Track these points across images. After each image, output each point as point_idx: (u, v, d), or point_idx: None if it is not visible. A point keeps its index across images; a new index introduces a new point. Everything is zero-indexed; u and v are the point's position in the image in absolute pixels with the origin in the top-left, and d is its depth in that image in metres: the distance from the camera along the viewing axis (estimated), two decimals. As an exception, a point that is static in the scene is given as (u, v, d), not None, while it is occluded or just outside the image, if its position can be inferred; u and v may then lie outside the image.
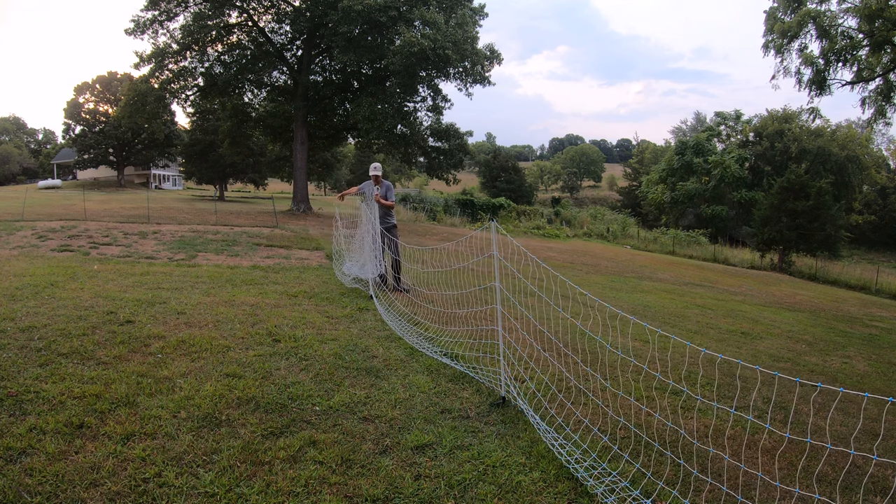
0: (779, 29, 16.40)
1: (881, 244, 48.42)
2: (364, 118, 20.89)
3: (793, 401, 4.47)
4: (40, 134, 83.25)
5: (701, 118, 72.30)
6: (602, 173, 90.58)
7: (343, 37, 19.77)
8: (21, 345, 4.00)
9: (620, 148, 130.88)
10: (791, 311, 11.00)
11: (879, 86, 16.02)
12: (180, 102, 23.70)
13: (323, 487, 2.46)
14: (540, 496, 2.54)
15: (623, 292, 10.69)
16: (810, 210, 24.32)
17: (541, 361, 4.31)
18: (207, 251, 10.45)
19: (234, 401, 3.26)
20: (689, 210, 45.85)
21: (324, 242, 12.85)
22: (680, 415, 3.73)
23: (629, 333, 5.89)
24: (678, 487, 2.65)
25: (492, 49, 22.58)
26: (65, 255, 9.21)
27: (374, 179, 7.25)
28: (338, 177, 67.37)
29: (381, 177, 7.28)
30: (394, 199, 7.37)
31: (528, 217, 36.73)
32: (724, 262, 26.64)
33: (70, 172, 54.34)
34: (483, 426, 3.21)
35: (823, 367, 6.11)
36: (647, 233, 36.56)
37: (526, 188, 58.09)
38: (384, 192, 7.26)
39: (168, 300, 5.72)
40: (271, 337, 4.58)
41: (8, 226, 12.75)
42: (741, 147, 48.12)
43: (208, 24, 20.87)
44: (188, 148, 39.74)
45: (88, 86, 46.17)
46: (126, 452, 2.62)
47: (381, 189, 7.25)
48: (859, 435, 3.84)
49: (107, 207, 20.84)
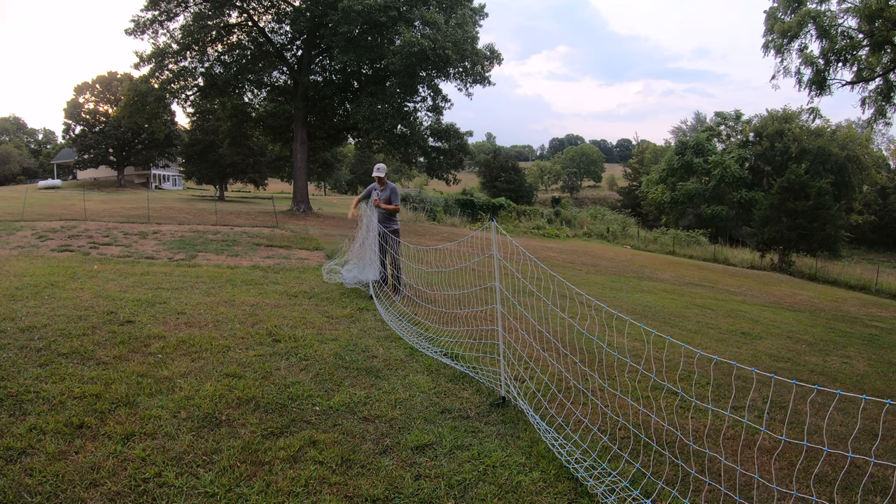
0: (779, 29, 16.40)
1: (881, 244, 48.41)
2: (364, 118, 20.90)
3: (791, 401, 4.47)
4: (40, 134, 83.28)
5: (701, 118, 72.25)
6: (602, 173, 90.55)
7: (343, 37, 19.78)
8: (21, 345, 4.00)
9: (620, 148, 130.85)
10: (791, 311, 11.00)
11: (879, 86, 16.01)
12: (180, 102, 23.71)
13: (323, 487, 2.46)
14: (540, 496, 2.54)
15: (623, 292, 10.69)
16: (810, 210, 24.32)
17: (541, 361, 4.32)
18: (207, 251, 10.45)
19: (234, 401, 3.26)
20: (689, 210, 45.84)
21: (324, 242, 12.85)
22: (677, 414, 3.73)
23: (625, 332, 5.89)
24: (677, 487, 2.65)
25: (492, 49, 22.59)
26: (65, 255, 9.21)
27: (377, 181, 6.82)
28: (338, 177, 67.39)
29: (385, 178, 6.83)
30: (398, 202, 6.89)
31: (528, 217, 36.72)
32: (724, 262, 26.63)
33: (70, 172, 54.35)
34: (483, 426, 3.21)
35: (823, 367, 6.11)
36: (647, 233, 36.54)
37: (526, 188, 58.07)
38: (388, 194, 6.78)
39: (168, 300, 5.72)
40: (271, 337, 4.58)
41: (8, 226, 12.76)
42: (741, 147, 48.09)
43: (208, 24, 20.88)
44: (188, 148, 39.75)
45: (88, 86, 46.16)
46: (126, 452, 2.62)
47: (385, 191, 6.79)
48: (858, 435, 3.84)
49: (107, 207, 20.84)
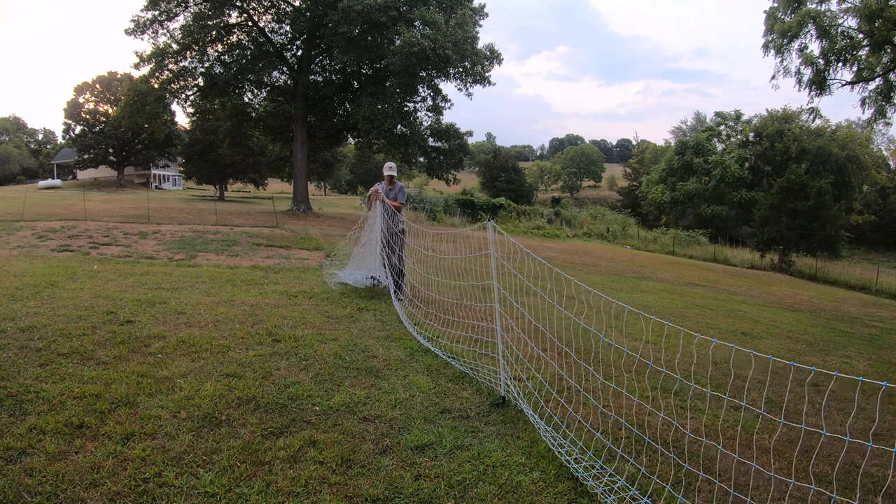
0: (779, 29, 16.40)
1: (881, 244, 48.41)
2: (364, 118, 20.89)
3: (792, 401, 4.47)
4: (40, 134, 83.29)
5: (701, 118, 72.27)
6: (602, 173, 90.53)
7: (343, 37, 19.78)
8: (21, 345, 4.00)
9: (620, 148, 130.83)
10: (791, 311, 11.00)
11: (879, 86, 16.01)
12: (180, 102, 23.73)
13: (323, 487, 2.46)
14: (540, 496, 2.54)
15: (623, 292, 10.69)
16: (810, 210, 24.31)
17: (540, 361, 4.31)
18: (207, 251, 10.45)
19: (234, 401, 3.26)
20: (689, 210, 45.85)
21: (324, 242, 12.85)
22: (677, 413, 3.73)
23: (623, 329, 5.89)
24: (670, 483, 2.65)
25: (492, 49, 22.59)
26: (65, 255, 9.21)
27: (387, 180, 6.78)
28: (338, 177, 67.36)
29: (395, 178, 6.83)
30: (404, 201, 6.87)
31: (528, 217, 36.73)
32: (724, 262, 26.63)
33: (70, 172, 54.34)
34: (483, 426, 3.21)
35: (823, 366, 6.11)
36: (647, 233, 36.55)
37: (526, 188, 58.09)
38: (395, 193, 6.77)
39: (168, 300, 5.72)
40: (271, 337, 4.58)
41: (8, 226, 12.75)
42: (741, 147, 48.09)
43: (208, 24, 20.88)
44: (188, 148, 39.73)
45: (88, 86, 46.16)
46: (126, 452, 2.62)
47: (394, 190, 6.78)
48: (854, 422, 3.84)
49: (107, 207, 20.84)
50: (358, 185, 62.32)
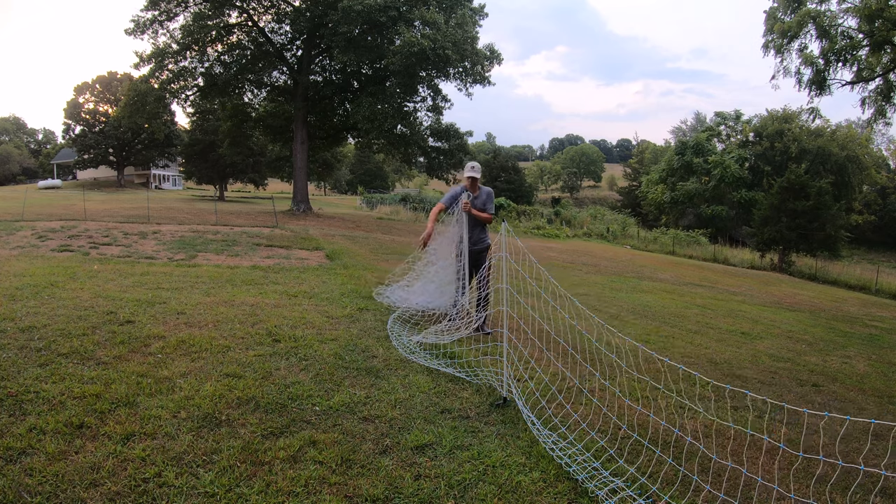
0: (779, 29, 16.40)
1: (881, 244, 48.41)
2: (364, 118, 20.90)
3: (792, 401, 4.47)
4: (40, 134, 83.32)
5: (701, 118, 72.33)
6: (602, 173, 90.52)
7: (343, 37, 19.77)
8: (21, 345, 3.99)
9: (620, 148, 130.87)
10: (791, 311, 11.00)
11: (879, 86, 16.01)
12: (180, 102, 23.72)
13: (323, 487, 2.46)
14: (540, 496, 2.54)
15: (623, 292, 10.69)
16: (810, 210, 24.32)
17: (540, 361, 4.31)
18: (207, 251, 10.45)
19: (234, 401, 3.26)
20: (689, 210, 45.88)
21: (324, 242, 12.85)
22: (677, 415, 3.73)
23: (622, 329, 5.89)
24: (668, 481, 2.65)
25: (492, 49, 22.59)
26: (65, 255, 9.21)
27: (469, 183, 5.19)
28: (338, 177, 67.38)
29: (478, 180, 5.22)
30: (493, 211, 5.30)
31: (528, 217, 36.76)
32: (724, 262, 26.63)
33: (70, 172, 54.33)
34: (483, 426, 3.21)
35: (823, 367, 6.11)
36: (647, 233, 36.56)
37: (526, 188, 58.13)
38: (483, 200, 5.22)
39: (168, 300, 5.72)
40: (271, 337, 4.58)
41: (8, 226, 12.75)
42: (741, 147, 48.13)
43: (208, 24, 20.86)
44: (188, 148, 39.75)
45: (88, 86, 46.19)
46: (126, 452, 2.62)
47: (480, 197, 5.22)
48: (857, 434, 3.84)
49: (107, 207, 20.84)
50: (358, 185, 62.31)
